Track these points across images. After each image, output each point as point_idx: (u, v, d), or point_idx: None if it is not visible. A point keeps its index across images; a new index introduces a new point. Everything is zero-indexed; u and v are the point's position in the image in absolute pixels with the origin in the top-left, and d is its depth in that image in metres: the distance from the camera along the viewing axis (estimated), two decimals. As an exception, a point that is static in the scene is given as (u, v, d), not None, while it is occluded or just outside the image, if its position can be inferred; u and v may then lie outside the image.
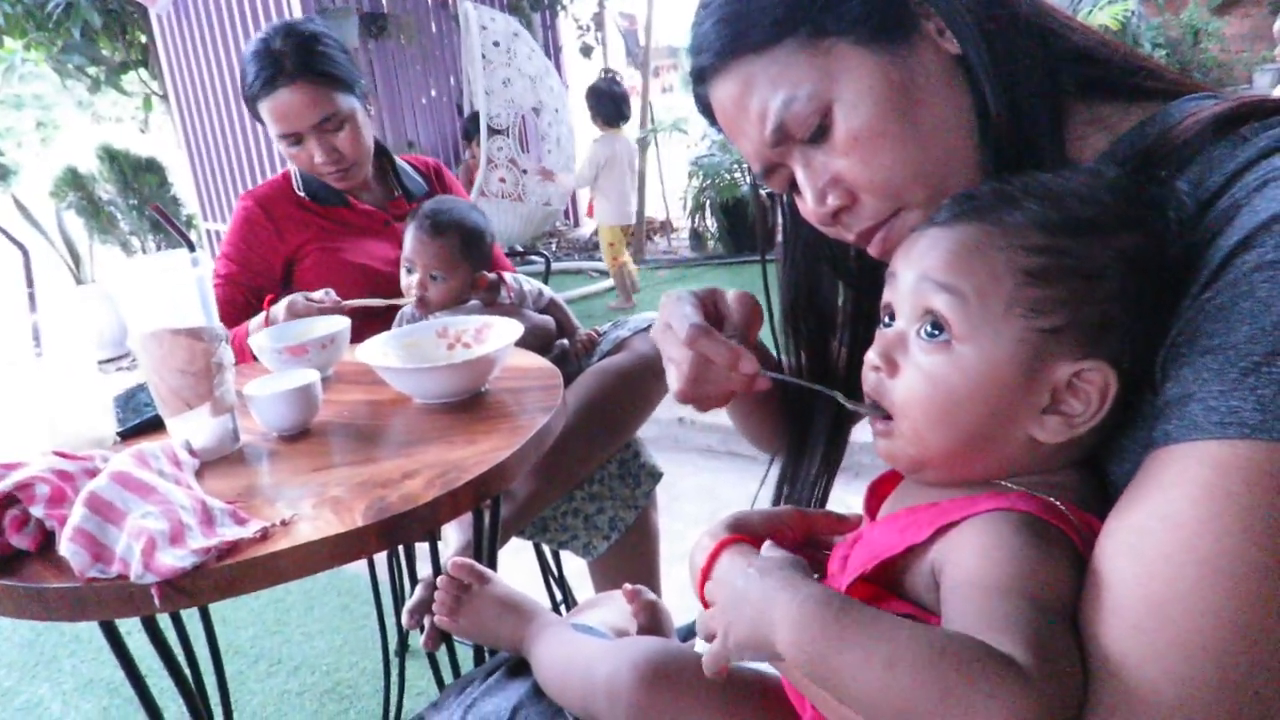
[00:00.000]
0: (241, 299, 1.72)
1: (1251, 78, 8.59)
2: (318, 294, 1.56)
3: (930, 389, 0.57)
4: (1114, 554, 0.48)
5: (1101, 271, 0.53)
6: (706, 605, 0.64)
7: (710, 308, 0.75)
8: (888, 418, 0.60)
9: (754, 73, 0.65)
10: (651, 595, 0.93)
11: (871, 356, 0.61)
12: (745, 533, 0.66)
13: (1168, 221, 0.54)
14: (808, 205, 0.69)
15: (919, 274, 0.58)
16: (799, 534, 0.72)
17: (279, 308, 1.54)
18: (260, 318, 1.57)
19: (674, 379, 0.72)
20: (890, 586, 0.58)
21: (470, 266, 1.53)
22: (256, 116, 1.73)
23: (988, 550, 0.51)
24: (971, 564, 0.51)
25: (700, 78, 0.70)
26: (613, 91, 4.74)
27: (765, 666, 0.73)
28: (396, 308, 1.59)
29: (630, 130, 7.01)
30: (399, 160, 1.91)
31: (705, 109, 0.73)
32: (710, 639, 0.58)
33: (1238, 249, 0.48)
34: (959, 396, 0.56)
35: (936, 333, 0.57)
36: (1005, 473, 0.57)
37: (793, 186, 0.70)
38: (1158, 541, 0.46)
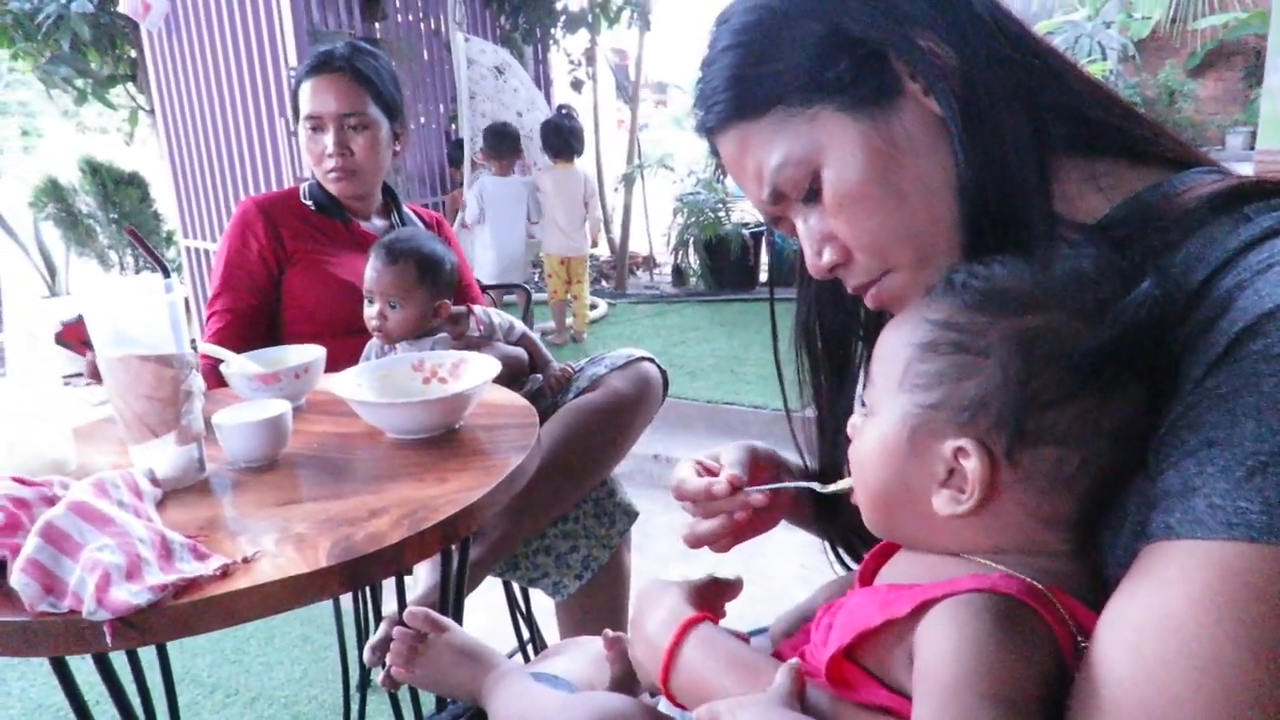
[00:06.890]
0: (242, 305, 1.72)
1: (1224, 139, 8.80)
2: None
3: (855, 453, 0.62)
4: (1111, 649, 0.47)
5: (985, 350, 0.53)
6: (666, 684, 0.67)
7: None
8: None
9: (750, 136, 0.67)
10: None
11: (848, 426, 0.65)
12: (702, 602, 0.71)
13: (1114, 305, 0.52)
14: (807, 258, 0.70)
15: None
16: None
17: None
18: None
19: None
20: (873, 667, 0.57)
21: (428, 294, 1.51)
22: (295, 112, 1.80)
23: (951, 640, 0.50)
24: (935, 654, 0.50)
25: (706, 132, 0.72)
26: (559, 126, 4.80)
27: None
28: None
29: (615, 165, 7.04)
30: (405, 207, 1.95)
31: (715, 154, 0.75)
32: None
33: (1243, 335, 0.47)
34: (865, 460, 0.61)
35: (864, 406, 0.62)
36: (980, 547, 0.56)
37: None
38: (1156, 642, 0.44)
